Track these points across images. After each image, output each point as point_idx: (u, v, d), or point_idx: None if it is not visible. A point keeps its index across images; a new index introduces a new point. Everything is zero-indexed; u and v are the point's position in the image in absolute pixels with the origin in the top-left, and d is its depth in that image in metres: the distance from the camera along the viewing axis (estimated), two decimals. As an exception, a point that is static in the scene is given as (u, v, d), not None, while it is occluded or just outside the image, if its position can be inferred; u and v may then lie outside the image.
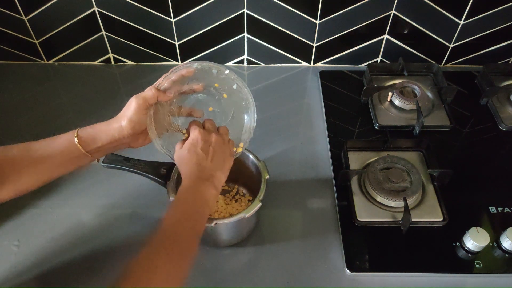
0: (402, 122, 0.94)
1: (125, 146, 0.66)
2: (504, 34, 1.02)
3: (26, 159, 0.60)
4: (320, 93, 1.03)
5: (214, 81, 0.67)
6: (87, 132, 0.62)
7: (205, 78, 0.66)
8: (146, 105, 0.62)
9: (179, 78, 0.64)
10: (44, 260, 0.72)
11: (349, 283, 0.70)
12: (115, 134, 0.62)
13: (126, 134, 0.63)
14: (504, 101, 0.98)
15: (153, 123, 0.64)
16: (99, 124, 0.63)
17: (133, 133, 0.63)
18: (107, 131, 0.62)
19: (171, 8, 0.98)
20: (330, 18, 1.00)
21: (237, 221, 0.66)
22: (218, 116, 0.70)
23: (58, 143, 0.62)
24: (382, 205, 0.78)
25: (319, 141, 0.92)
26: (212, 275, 0.71)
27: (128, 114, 0.62)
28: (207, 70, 0.65)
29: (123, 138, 0.63)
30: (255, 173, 0.73)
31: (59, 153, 0.61)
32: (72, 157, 0.62)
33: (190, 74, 0.64)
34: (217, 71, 0.65)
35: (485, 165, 0.87)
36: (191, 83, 0.66)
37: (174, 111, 0.68)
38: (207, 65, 0.65)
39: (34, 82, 1.07)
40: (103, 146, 0.63)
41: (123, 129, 0.62)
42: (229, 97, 0.68)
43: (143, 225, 0.78)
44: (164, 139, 0.66)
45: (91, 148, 0.62)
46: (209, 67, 0.65)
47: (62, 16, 1.01)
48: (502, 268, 0.71)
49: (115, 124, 0.62)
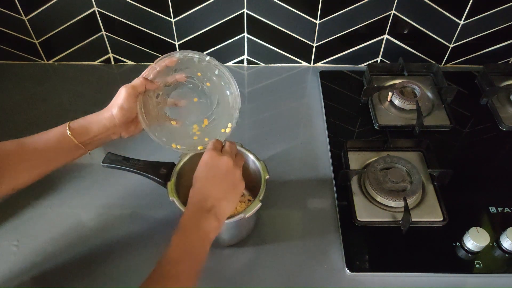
0: (402, 122, 0.94)
1: (117, 135, 0.68)
2: (504, 34, 1.02)
3: (20, 154, 0.61)
4: (320, 93, 1.03)
5: (197, 69, 0.69)
6: (78, 124, 0.64)
7: (188, 68, 0.69)
8: (136, 93, 0.64)
9: (163, 69, 0.67)
10: (43, 260, 0.72)
11: (349, 283, 0.70)
12: (106, 123, 0.64)
13: (118, 122, 0.65)
14: (504, 101, 0.98)
15: (143, 113, 0.66)
16: (90, 116, 0.66)
17: (124, 121, 0.65)
18: (98, 121, 0.65)
19: (171, 8, 0.98)
20: (330, 18, 1.00)
21: (237, 221, 0.65)
22: (204, 105, 0.72)
23: (51, 136, 0.63)
24: (382, 205, 0.78)
25: (319, 141, 0.92)
26: (212, 275, 0.71)
27: (118, 102, 0.64)
28: (189, 59, 0.68)
29: (114, 127, 0.65)
30: (255, 173, 0.73)
31: (53, 146, 0.63)
32: (65, 149, 0.64)
33: (173, 63, 0.67)
34: (198, 58, 0.68)
35: (485, 165, 0.87)
36: (175, 74, 0.69)
37: (161, 102, 0.71)
38: (188, 54, 0.67)
39: (34, 82, 1.07)
40: (95, 136, 0.65)
41: (114, 117, 0.64)
42: (212, 84, 0.71)
43: (143, 225, 0.78)
44: (155, 128, 0.68)
45: (84, 139, 0.64)
46: (191, 56, 0.68)
47: (62, 16, 1.01)
48: (502, 268, 0.71)
49: (106, 113, 0.65)
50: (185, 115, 0.73)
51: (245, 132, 0.95)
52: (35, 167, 0.63)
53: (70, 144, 0.63)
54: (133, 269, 0.71)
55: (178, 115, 0.73)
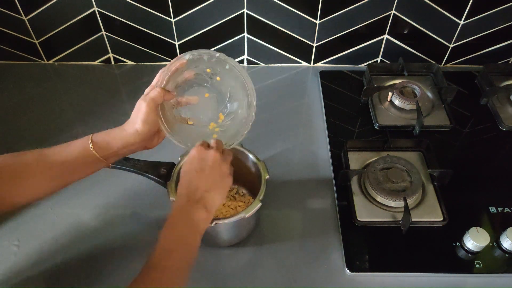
0: (402, 122, 0.94)
1: (141, 148, 0.66)
2: (504, 34, 1.02)
3: (41, 164, 0.60)
4: (320, 93, 1.03)
5: (206, 66, 0.68)
6: (101, 138, 0.63)
7: (197, 66, 0.67)
8: (156, 105, 0.62)
9: (175, 73, 0.65)
10: (44, 260, 0.72)
11: (349, 283, 0.70)
12: (130, 139, 0.63)
13: (144, 137, 0.63)
14: (504, 101, 0.98)
15: (163, 122, 0.64)
16: (113, 130, 0.64)
17: (150, 135, 0.64)
18: (122, 137, 0.63)
19: (171, 8, 0.98)
20: (330, 18, 1.00)
21: (237, 221, 0.66)
22: (216, 99, 0.71)
23: (73, 148, 0.62)
24: (382, 205, 0.78)
25: (319, 141, 0.92)
26: (212, 275, 0.71)
27: (141, 118, 0.62)
28: (199, 59, 0.66)
29: (140, 142, 0.64)
30: (255, 173, 0.73)
31: (74, 159, 0.61)
32: (86, 162, 0.62)
33: (183, 66, 0.65)
34: (208, 56, 0.66)
35: (485, 165, 0.87)
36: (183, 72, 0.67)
37: (174, 105, 0.69)
38: (198, 53, 0.66)
39: (34, 82, 1.07)
40: (118, 151, 0.63)
41: (139, 133, 0.62)
42: (223, 78, 0.69)
43: (143, 225, 0.78)
44: (176, 134, 0.66)
45: (106, 154, 0.63)
46: (200, 55, 0.66)
47: (62, 16, 1.01)
48: (502, 268, 0.71)
49: (130, 129, 0.63)
50: (199, 112, 0.71)
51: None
52: (54, 178, 0.61)
53: (92, 157, 0.62)
54: (133, 269, 0.70)
55: (192, 114, 0.71)
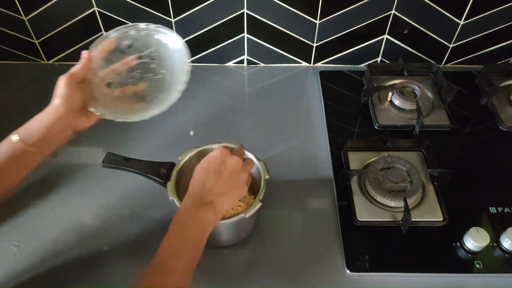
0: (402, 122, 0.94)
1: (70, 130, 0.66)
2: (504, 34, 1.02)
3: None
4: (320, 93, 1.03)
5: (138, 41, 0.68)
6: (23, 128, 0.63)
7: (132, 47, 0.68)
8: (74, 78, 0.64)
9: (106, 54, 0.66)
10: (44, 260, 0.72)
11: (349, 283, 0.70)
12: (51, 117, 0.63)
13: (63, 112, 0.63)
14: (504, 101, 0.98)
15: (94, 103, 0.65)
16: (35, 116, 0.64)
17: (69, 110, 0.64)
18: (43, 118, 0.63)
19: (171, 8, 0.98)
20: (330, 18, 1.00)
21: (237, 221, 0.65)
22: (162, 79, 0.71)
23: (1, 149, 0.61)
24: (382, 205, 0.78)
25: (319, 141, 0.92)
26: (212, 275, 0.71)
27: (58, 91, 0.63)
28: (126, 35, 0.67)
29: (61, 119, 0.63)
30: (255, 173, 0.73)
31: (7, 158, 0.61)
32: (20, 156, 0.61)
33: (113, 44, 0.66)
34: (135, 30, 0.67)
35: (485, 165, 0.87)
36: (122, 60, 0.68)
37: (120, 94, 0.70)
38: (123, 29, 0.67)
39: (34, 82, 1.07)
40: (45, 135, 0.63)
41: (57, 107, 0.63)
42: (157, 50, 0.70)
43: (143, 225, 0.78)
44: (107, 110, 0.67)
45: (35, 140, 0.62)
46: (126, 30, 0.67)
47: (62, 16, 1.01)
48: (502, 268, 0.71)
49: (49, 108, 0.64)
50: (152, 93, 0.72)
51: (245, 132, 0.95)
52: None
53: (22, 149, 0.61)
54: (133, 269, 0.70)
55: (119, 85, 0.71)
